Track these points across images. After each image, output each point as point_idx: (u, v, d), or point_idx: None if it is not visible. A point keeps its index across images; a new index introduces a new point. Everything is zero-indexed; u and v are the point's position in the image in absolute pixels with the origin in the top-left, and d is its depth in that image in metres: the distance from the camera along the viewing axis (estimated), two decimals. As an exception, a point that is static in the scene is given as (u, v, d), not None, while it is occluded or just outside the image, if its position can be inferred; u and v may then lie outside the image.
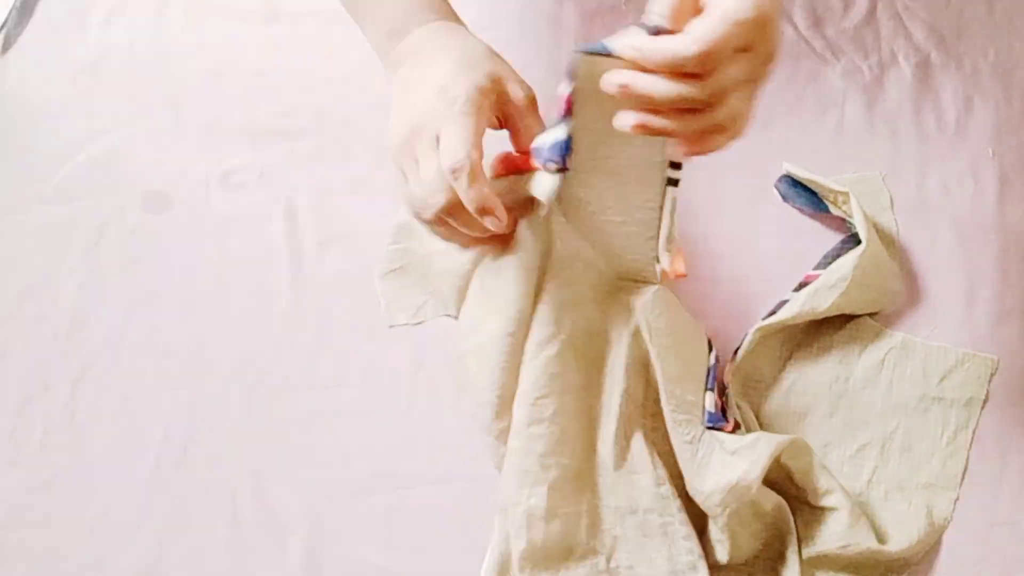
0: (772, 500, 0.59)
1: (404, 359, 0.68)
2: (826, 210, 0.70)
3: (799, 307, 0.65)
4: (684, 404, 0.59)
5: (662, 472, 0.59)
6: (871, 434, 0.64)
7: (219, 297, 0.72)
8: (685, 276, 0.57)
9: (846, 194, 0.67)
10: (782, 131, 0.75)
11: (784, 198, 0.72)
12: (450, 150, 0.51)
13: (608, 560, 0.58)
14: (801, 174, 0.70)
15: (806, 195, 0.71)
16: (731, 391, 0.63)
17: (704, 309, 0.68)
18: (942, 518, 0.61)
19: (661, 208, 0.58)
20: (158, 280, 0.73)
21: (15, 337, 0.72)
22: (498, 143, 0.57)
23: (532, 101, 0.56)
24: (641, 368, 0.60)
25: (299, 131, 0.78)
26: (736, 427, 0.60)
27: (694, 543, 0.58)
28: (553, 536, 0.57)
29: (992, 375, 0.65)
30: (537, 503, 0.57)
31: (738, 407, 0.63)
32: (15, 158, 0.80)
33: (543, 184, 0.55)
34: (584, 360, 0.60)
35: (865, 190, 0.70)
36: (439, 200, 0.52)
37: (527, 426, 0.57)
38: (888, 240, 0.69)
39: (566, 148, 0.53)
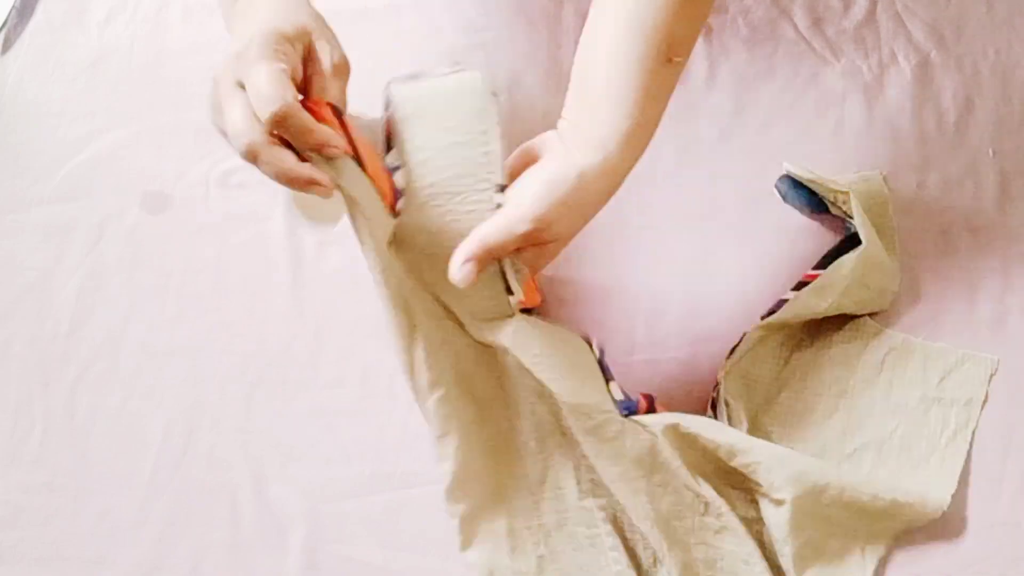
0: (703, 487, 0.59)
1: (404, 359, 0.68)
2: (826, 211, 0.70)
3: (799, 306, 0.65)
4: (595, 408, 0.57)
5: (586, 485, 0.59)
6: (870, 435, 0.63)
7: (219, 297, 0.72)
8: (539, 304, 0.59)
9: (846, 193, 0.67)
10: (782, 131, 0.75)
11: (784, 198, 0.72)
12: (263, 96, 0.49)
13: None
14: (801, 173, 0.70)
15: (806, 195, 0.71)
16: (723, 388, 0.63)
17: (703, 309, 0.68)
18: (936, 507, 0.60)
19: None
20: (158, 280, 0.73)
21: (15, 337, 0.72)
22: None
23: (340, 68, 0.53)
24: (540, 387, 0.58)
25: (299, 131, 0.78)
26: (649, 403, 0.59)
27: (621, 552, 0.58)
28: (478, 564, 0.58)
29: (992, 375, 0.65)
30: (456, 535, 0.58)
31: (727, 404, 0.63)
32: (15, 158, 0.80)
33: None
34: (477, 391, 0.59)
35: (865, 190, 0.70)
36: (242, 144, 0.50)
37: (438, 462, 0.58)
38: (888, 240, 0.69)
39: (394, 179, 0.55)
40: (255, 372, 0.69)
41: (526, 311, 0.58)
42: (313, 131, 0.50)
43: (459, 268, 0.53)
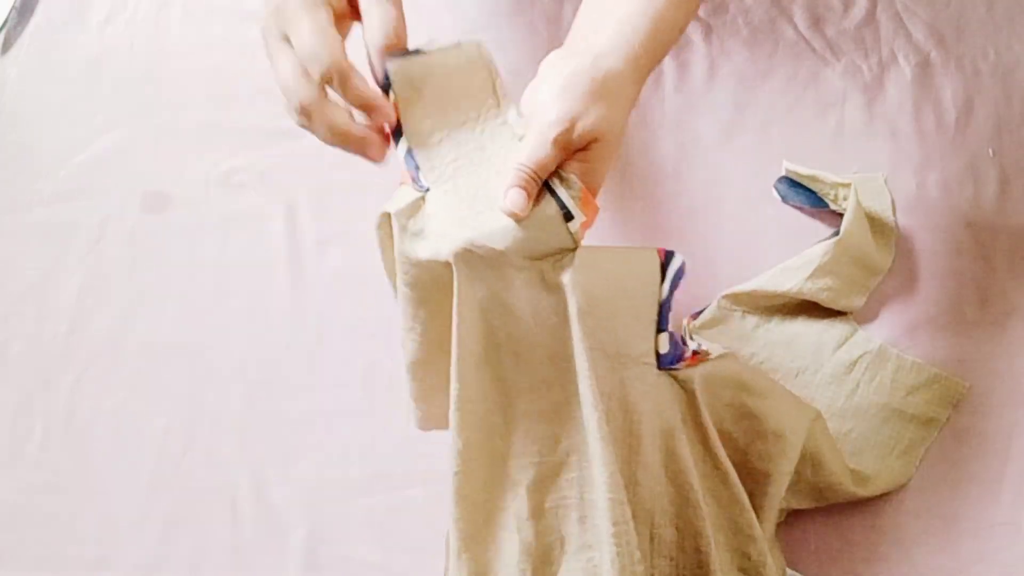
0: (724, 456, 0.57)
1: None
2: (826, 207, 0.70)
3: (763, 282, 0.66)
4: (636, 358, 0.54)
5: (617, 478, 0.54)
6: None
7: (219, 297, 0.72)
8: (598, 210, 0.53)
9: (847, 186, 0.68)
10: (782, 131, 0.75)
11: (783, 199, 0.72)
12: (309, 54, 0.48)
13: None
14: (801, 171, 0.70)
15: (806, 194, 0.71)
16: (687, 331, 0.62)
17: (700, 308, 0.68)
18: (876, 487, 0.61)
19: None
20: (158, 280, 0.73)
21: (15, 337, 0.72)
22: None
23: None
24: (593, 348, 0.54)
25: (299, 131, 0.77)
26: (696, 354, 0.57)
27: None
28: (544, 535, 0.55)
29: (959, 400, 0.64)
30: (521, 506, 0.54)
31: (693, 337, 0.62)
32: (15, 158, 0.80)
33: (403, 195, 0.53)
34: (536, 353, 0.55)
35: (867, 190, 0.71)
36: (293, 103, 0.50)
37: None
38: (887, 239, 0.70)
39: (414, 163, 0.53)
40: (255, 372, 0.69)
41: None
42: (363, 91, 0.49)
43: (506, 198, 0.49)
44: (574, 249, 0.51)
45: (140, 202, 0.76)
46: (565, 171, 0.51)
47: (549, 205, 0.50)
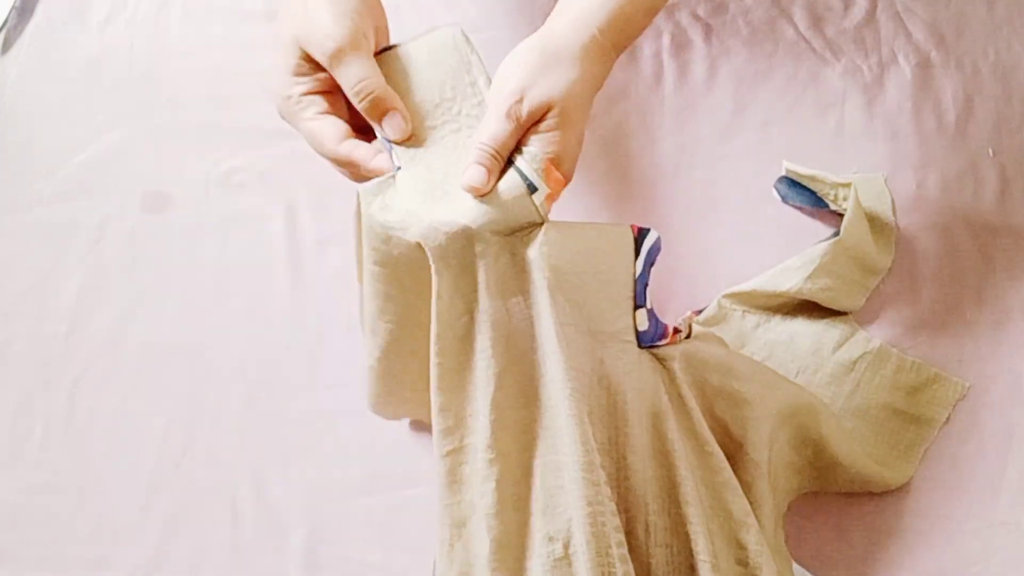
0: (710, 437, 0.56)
1: (404, 359, 0.68)
2: (826, 207, 0.70)
3: (763, 281, 0.66)
4: (615, 335, 0.54)
5: (592, 456, 0.52)
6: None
7: (219, 297, 0.72)
8: (567, 181, 0.53)
9: (847, 185, 0.68)
10: (782, 131, 0.75)
11: (783, 199, 0.72)
12: (314, 148, 0.55)
13: (565, 547, 0.52)
14: (801, 171, 0.70)
15: (805, 194, 0.71)
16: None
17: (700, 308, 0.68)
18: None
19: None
20: (158, 280, 0.73)
21: (15, 337, 0.72)
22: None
23: (333, 56, 0.53)
24: (568, 324, 0.53)
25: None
26: (677, 331, 0.57)
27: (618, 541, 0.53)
28: (512, 526, 0.53)
29: (959, 400, 0.64)
30: (489, 498, 0.52)
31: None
32: (15, 158, 0.80)
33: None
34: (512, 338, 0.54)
35: (867, 190, 0.71)
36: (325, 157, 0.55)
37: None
38: (887, 239, 0.70)
39: (388, 144, 0.54)
40: (255, 372, 0.69)
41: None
42: (372, 169, 0.53)
43: (465, 174, 0.51)
44: (542, 223, 0.51)
45: (140, 202, 0.76)
46: (526, 145, 0.52)
47: (512, 179, 0.51)
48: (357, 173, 0.54)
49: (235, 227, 0.75)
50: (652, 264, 0.55)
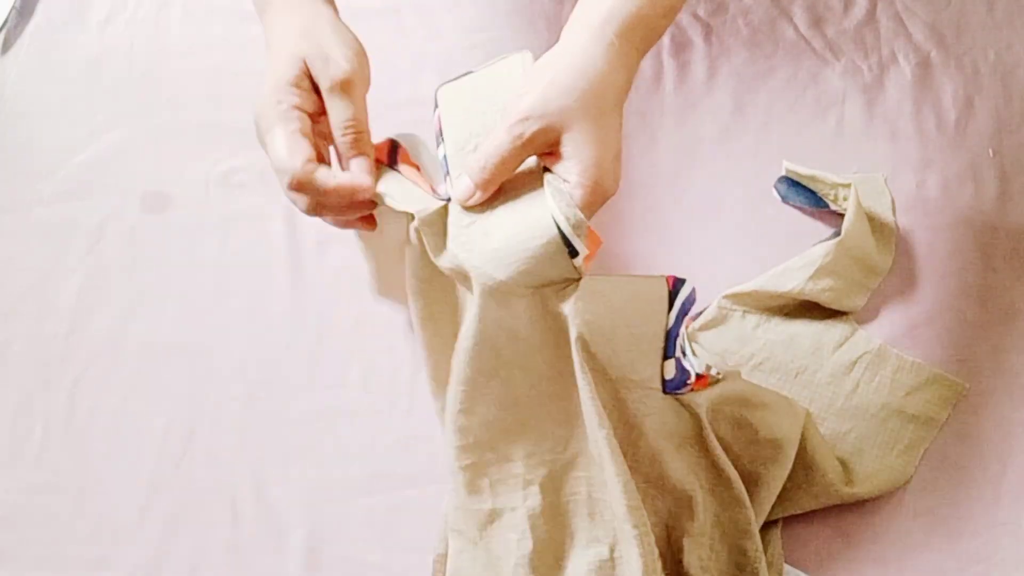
0: (728, 465, 0.59)
1: (404, 359, 0.68)
2: (826, 207, 0.70)
3: (764, 282, 0.66)
4: (640, 383, 0.55)
5: (631, 486, 0.56)
6: (825, 430, 0.64)
7: (219, 297, 0.72)
8: (601, 243, 0.52)
9: (847, 186, 0.68)
10: (782, 131, 0.75)
11: (783, 199, 0.72)
12: (278, 161, 0.52)
13: (611, 550, 0.56)
14: (801, 171, 0.70)
15: (806, 194, 0.71)
16: (686, 339, 0.61)
17: (700, 308, 0.68)
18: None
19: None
20: (158, 280, 0.73)
21: (15, 337, 0.72)
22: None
23: (338, 84, 0.53)
24: (594, 371, 0.55)
25: (299, 131, 0.78)
26: (701, 379, 0.57)
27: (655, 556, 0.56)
28: (556, 529, 0.56)
29: (959, 400, 0.64)
30: (534, 502, 0.56)
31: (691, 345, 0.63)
32: (15, 158, 0.80)
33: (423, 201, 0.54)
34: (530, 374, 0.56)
35: (867, 190, 0.71)
36: (283, 184, 0.53)
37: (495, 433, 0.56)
38: (887, 239, 0.70)
39: (446, 168, 0.54)
40: (255, 372, 0.69)
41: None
42: (330, 191, 0.52)
43: (454, 186, 0.50)
44: (578, 280, 0.51)
45: (140, 202, 0.76)
46: (552, 173, 0.51)
47: (553, 240, 0.50)
48: (313, 200, 0.53)
49: (235, 227, 0.75)
50: (686, 314, 0.55)
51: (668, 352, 0.55)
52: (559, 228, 0.49)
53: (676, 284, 0.54)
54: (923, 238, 0.70)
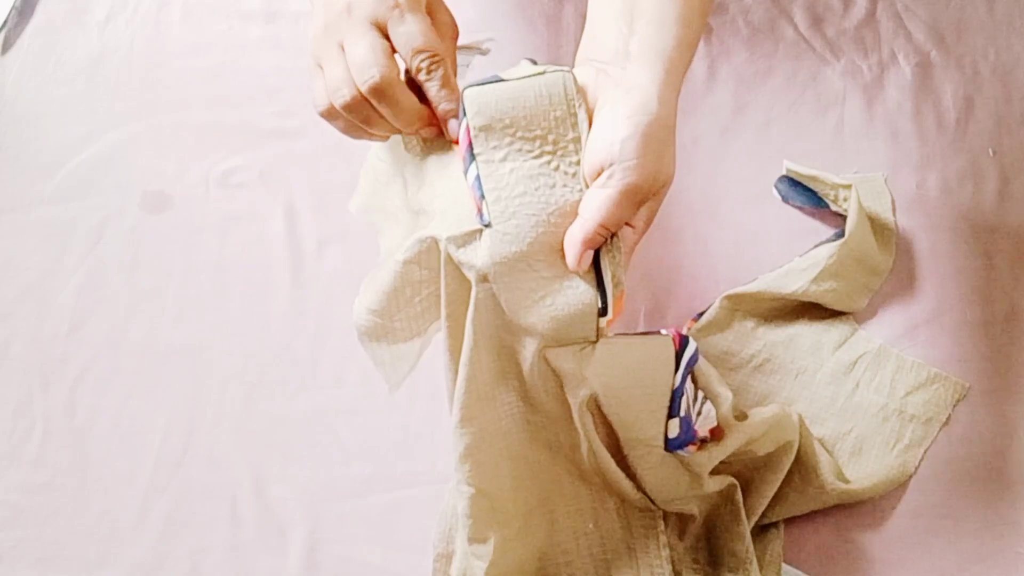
0: (721, 480, 0.59)
1: (404, 359, 0.68)
2: (826, 207, 0.70)
3: (766, 283, 0.66)
4: (644, 441, 0.56)
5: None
6: (825, 430, 0.64)
7: (219, 297, 0.72)
8: (623, 311, 0.54)
9: (848, 187, 0.68)
10: (782, 131, 0.75)
11: (784, 198, 0.72)
12: (360, 66, 0.51)
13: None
14: (802, 171, 0.70)
15: (806, 193, 0.71)
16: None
17: (701, 309, 0.68)
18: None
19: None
20: (158, 280, 0.73)
21: (15, 337, 0.72)
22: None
23: (445, 27, 0.54)
24: (601, 427, 0.56)
25: (299, 131, 0.78)
26: (705, 441, 0.58)
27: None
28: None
29: (959, 400, 0.64)
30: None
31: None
32: (15, 158, 0.80)
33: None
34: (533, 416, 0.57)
35: (867, 190, 0.71)
36: (343, 96, 0.52)
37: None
38: (887, 239, 0.70)
39: (480, 192, 0.52)
40: (255, 372, 0.69)
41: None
42: (412, 104, 0.51)
43: (574, 255, 0.49)
44: (595, 342, 0.52)
45: (140, 202, 0.76)
46: (615, 257, 0.51)
47: (588, 295, 0.50)
48: (366, 116, 0.52)
49: (235, 227, 0.75)
50: (689, 373, 0.55)
51: (673, 411, 0.55)
52: (602, 281, 0.50)
53: (682, 342, 0.54)
54: (923, 238, 0.70)
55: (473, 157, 0.53)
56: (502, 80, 0.53)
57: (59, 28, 0.85)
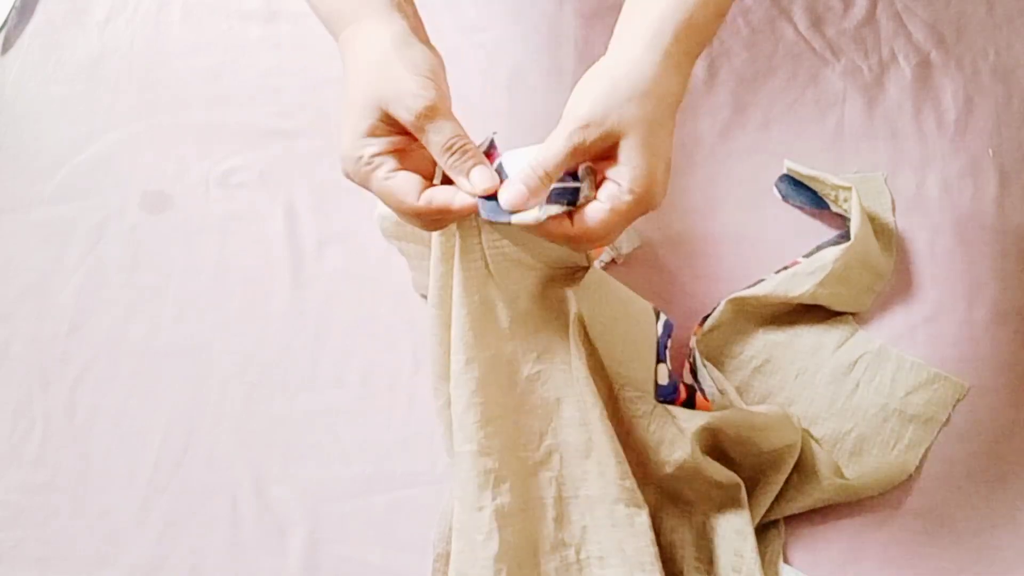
0: (726, 475, 0.60)
1: (404, 359, 0.68)
2: (827, 207, 0.70)
3: (773, 287, 0.66)
4: (634, 382, 0.58)
5: (625, 466, 0.57)
6: (825, 430, 0.64)
7: (219, 297, 0.72)
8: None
9: (848, 188, 0.68)
10: (782, 131, 0.75)
11: (784, 198, 0.72)
12: (394, 208, 0.52)
13: (578, 552, 0.57)
14: (802, 171, 0.70)
15: (806, 193, 0.71)
16: (698, 355, 0.64)
17: (702, 309, 0.68)
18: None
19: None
20: (158, 280, 0.73)
21: (15, 337, 0.72)
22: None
23: (423, 115, 0.51)
24: (591, 355, 0.58)
25: (299, 131, 0.78)
26: (689, 394, 0.61)
27: (650, 540, 0.57)
28: (525, 531, 0.57)
29: (959, 400, 0.65)
30: (503, 500, 0.56)
31: (705, 366, 0.64)
32: (15, 158, 0.80)
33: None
34: (527, 356, 0.58)
35: (867, 190, 0.71)
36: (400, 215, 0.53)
37: (477, 428, 0.56)
38: (886, 240, 0.70)
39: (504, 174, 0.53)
40: (255, 372, 0.69)
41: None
42: (456, 210, 0.51)
43: (504, 190, 0.49)
44: (586, 268, 0.54)
45: (140, 202, 0.76)
46: (604, 177, 0.50)
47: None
48: (441, 220, 0.52)
49: (235, 227, 0.75)
50: (668, 335, 0.59)
51: (660, 355, 0.58)
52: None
53: (656, 311, 0.59)
54: (923, 238, 0.70)
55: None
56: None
57: (59, 28, 0.85)
